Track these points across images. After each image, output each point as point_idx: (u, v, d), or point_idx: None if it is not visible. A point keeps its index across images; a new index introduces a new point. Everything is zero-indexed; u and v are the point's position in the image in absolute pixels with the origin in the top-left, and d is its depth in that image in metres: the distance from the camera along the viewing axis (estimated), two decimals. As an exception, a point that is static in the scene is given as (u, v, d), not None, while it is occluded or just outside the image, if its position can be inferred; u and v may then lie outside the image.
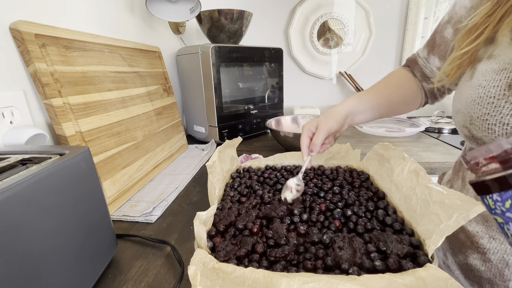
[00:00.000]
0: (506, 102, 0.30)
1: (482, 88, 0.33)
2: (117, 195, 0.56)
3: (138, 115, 0.70)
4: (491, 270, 0.38)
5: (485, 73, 0.33)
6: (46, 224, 0.27)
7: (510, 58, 0.31)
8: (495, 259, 0.38)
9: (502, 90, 0.31)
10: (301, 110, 1.29)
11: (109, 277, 0.38)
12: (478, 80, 0.34)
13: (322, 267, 0.31)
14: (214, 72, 0.88)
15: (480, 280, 0.40)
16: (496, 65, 0.33)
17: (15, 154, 0.34)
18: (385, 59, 1.34)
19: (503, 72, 0.31)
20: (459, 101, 0.37)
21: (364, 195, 0.46)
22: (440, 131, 1.07)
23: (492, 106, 0.32)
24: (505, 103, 0.30)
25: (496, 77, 0.32)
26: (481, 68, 0.35)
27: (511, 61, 0.31)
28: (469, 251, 0.41)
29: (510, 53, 0.31)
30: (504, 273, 0.37)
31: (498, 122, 0.31)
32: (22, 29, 0.45)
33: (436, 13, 1.22)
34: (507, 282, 0.37)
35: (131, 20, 0.84)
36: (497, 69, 0.32)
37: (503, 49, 0.32)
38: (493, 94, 0.32)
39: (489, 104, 0.32)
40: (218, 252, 0.33)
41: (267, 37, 1.36)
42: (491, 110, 0.32)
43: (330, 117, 0.46)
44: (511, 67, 0.31)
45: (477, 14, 0.35)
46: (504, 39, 0.32)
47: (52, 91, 0.47)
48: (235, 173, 0.58)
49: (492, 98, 0.32)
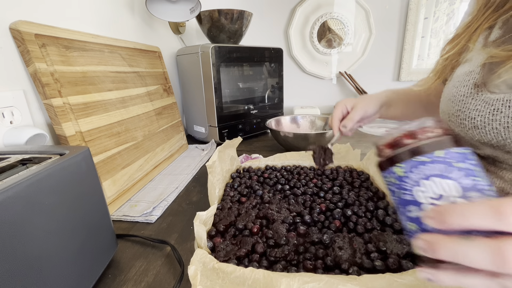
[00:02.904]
0: (472, 99, 0.34)
1: (455, 88, 0.37)
2: (117, 195, 0.56)
3: (138, 115, 0.70)
4: None
5: (459, 75, 0.38)
6: (46, 224, 0.27)
7: (478, 61, 0.35)
8: None
9: (469, 89, 0.35)
10: (301, 110, 1.29)
11: (109, 277, 0.38)
12: (453, 82, 0.39)
13: (322, 267, 0.31)
14: (214, 72, 0.88)
15: None
16: (467, 68, 0.37)
17: (15, 154, 0.34)
18: (385, 59, 1.34)
19: (472, 73, 0.36)
20: (442, 101, 0.41)
21: (364, 195, 0.46)
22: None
23: (462, 103, 0.36)
24: (472, 100, 0.34)
25: (466, 77, 0.36)
26: (457, 71, 0.39)
27: (479, 64, 0.35)
28: None
29: (479, 57, 0.35)
30: None
31: (467, 117, 0.35)
32: (22, 29, 0.45)
33: (436, 13, 1.22)
34: None
35: (131, 20, 0.84)
36: (468, 71, 0.37)
37: (475, 54, 0.37)
38: (463, 93, 0.36)
39: (460, 102, 0.36)
40: (218, 252, 0.33)
41: (267, 37, 1.36)
42: (461, 107, 0.36)
43: (369, 101, 0.50)
44: (478, 69, 0.35)
45: (460, 26, 0.40)
46: (477, 45, 0.36)
47: (52, 91, 0.47)
48: (235, 173, 0.58)
49: (462, 96, 0.36)
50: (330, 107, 1.44)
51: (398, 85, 1.36)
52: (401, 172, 0.20)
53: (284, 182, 0.53)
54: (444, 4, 1.20)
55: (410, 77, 1.33)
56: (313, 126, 1.00)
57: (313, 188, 0.50)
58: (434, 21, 1.23)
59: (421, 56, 1.30)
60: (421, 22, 1.24)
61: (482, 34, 0.36)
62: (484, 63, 0.34)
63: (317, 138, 0.79)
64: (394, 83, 1.37)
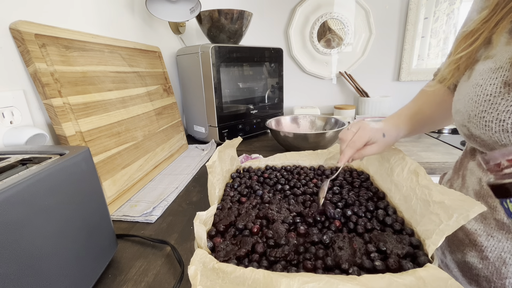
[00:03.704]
0: (502, 99, 0.31)
1: (479, 87, 0.34)
2: (117, 195, 0.56)
3: (138, 115, 0.70)
4: (488, 267, 0.39)
5: (482, 72, 0.35)
6: (46, 224, 0.27)
7: (505, 57, 0.32)
8: (493, 257, 0.38)
9: (498, 87, 0.32)
10: (301, 110, 1.29)
11: (109, 277, 0.38)
12: (476, 80, 0.35)
13: (322, 267, 0.31)
14: (214, 72, 0.88)
15: (477, 278, 0.40)
16: (492, 64, 0.34)
17: (15, 154, 0.34)
18: (385, 59, 1.34)
19: (499, 70, 0.32)
20: (458, 101, 0.38)
21: (364, 195, 0.46)
22: (440, 131, 1.07)
23: (489, 103, 0.32)
24: (501, 100, 0.31)
25: (492, 75, 0.33)
26: (478, 68, 0.36)
27: (507, 60, 0.32)
28: (467, 249, 0.41)
29: (506, 53, 0.32)
30: (501, 271, 0.37)
31: (494, 119, 0.32)
32: (22, 29, 0.45)
33: (436, 13, 1.22)
34: (503, 280, 0.37)
35: (131, 20, 0.84)
36: (494, 68, 0.33)
37: (499, 49, 0.34)
38: (490, 92, 0.33)
39: (485, 102, 0.33)
40: (218, 252, 0.33)
41: (267, 37, 1.36)
42: (487, 107, 0.33)
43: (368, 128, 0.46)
44: (506, 65, 0.32)
45: (475, 21, 0.37)
46: (501, 40, 0.33)
47: (52, 91, 0.47)
48: (235, 173, 0.58)
49: (489, 96, 0.33)
50: (330, 107, 1.44)
51: (398, 85, 1.37)
52: None
53: (284, 182, 0.53)
54: (444, 4, 1.20)
55: (410, 77, 1.33)
56: (313, 126, 1.00)
57: (313, 188, 0.50)
58: (434, 21, 1.23)
59: (421, 56, 1.30)
60: (421, 22, 1.24)
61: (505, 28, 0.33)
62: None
63: (317, 138, 0.79)
64: (394, 83, 1.37)
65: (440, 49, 1.27)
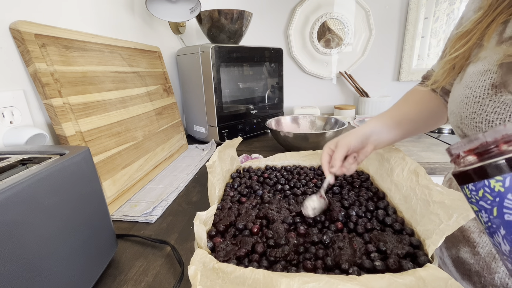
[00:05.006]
0: (490, 100, 0.32)
1: (469, 89, 0.35)
2: (117, 195, 0.56)
3: (138, 115, 0.70)
4: (479, 263, 0.40)
5: (472, 75, 0.35)
6: (46, 224, 0.27)
7: (494, 60, 0.33)
8: (484, 253, 0.39)
9: (486, 89, 0.33)
10: (301, 110, 1.29)
11: (109, 277, 0.38)
12: (466, 82, 0.36)
13: (322, 267, 0.31)
14: (214, 72, 0.88)
15: (469, 272, 0.42)
16: (481, 67, 0.34)
17: (15, 154, 0.34)
18: (385, 59, 1.34)
19: (487, 72, 0.33)
20: (452, 102, 0.39)
21: (364, 195, 0.46)
22: (440, 131, 1.07)
23: (478, 105, 0.33)
24: (489, 102, 0.32)
25: (481, 77, 0.34)
26: (469, 70, 0.37)
27: (495, 62, 0.32)
28: (461, 245, 0.43)
29: (494, 55, 0.33)
30: (491, 266, 0.38)
31: (483, 120, 0.33)
32: (22, 29, 0.45)
33: (436, 13, 1.22)
34: (493, 275, 0.38)
35: (131, 20, 0.84)
36: (482, 70, 0.34)
37: (489, 52, 0.34)
38: (479, 94, 0.33)
39: (475, 104, 0.34)
40: (218, 252, 0.33)
41: (267, 37, 1.36)
42: (477, 109, 0.33)
43: (349, 134, 0.46)
44: (494, 68, 0.32)
45: (469, 22, 0.37)
46: (491, 42, 0.34)
47: (52, 91, 0.47)
48: (235, 173, 0.58)
49: (478, 98, 0.33)
50: (330, 107, 1.44)
51: (398, 85, 1.37)
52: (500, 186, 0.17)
53: (284, 182, 0.53)
54: (444, 4, 1.20)
55: (410, 77, 1.33)
56: (313, 126, 1.01)
57: (313, 188, 0.50)
58: (434, 21, 1.23)
59: (421, 56, 1.30)
60: (421, 22, 1.24)
61: (496, 30, 0.34)
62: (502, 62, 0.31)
63: (317, 138, 0.79)
64: (394, 83, 1.37)
65: (440, 49, 1.27)
